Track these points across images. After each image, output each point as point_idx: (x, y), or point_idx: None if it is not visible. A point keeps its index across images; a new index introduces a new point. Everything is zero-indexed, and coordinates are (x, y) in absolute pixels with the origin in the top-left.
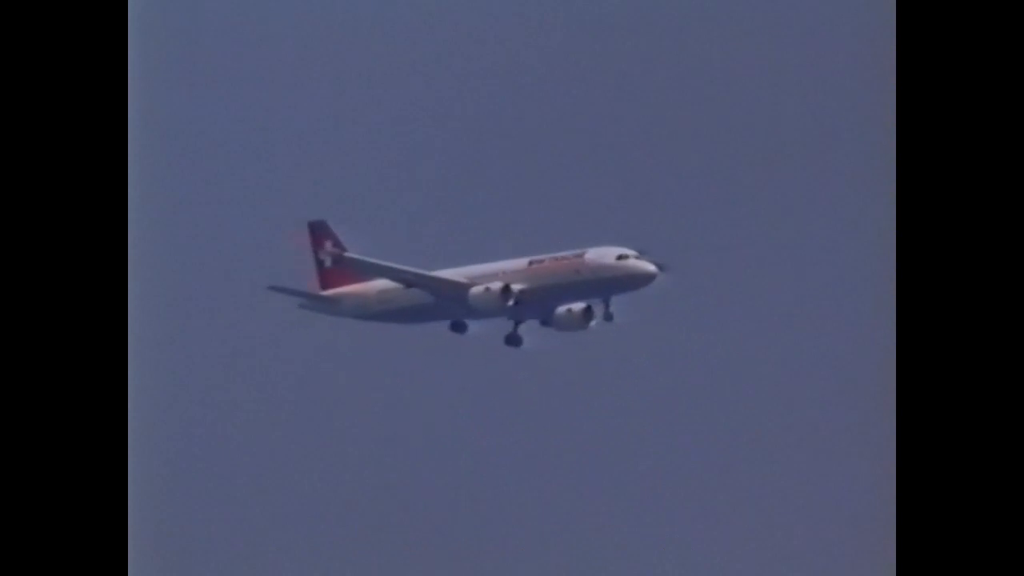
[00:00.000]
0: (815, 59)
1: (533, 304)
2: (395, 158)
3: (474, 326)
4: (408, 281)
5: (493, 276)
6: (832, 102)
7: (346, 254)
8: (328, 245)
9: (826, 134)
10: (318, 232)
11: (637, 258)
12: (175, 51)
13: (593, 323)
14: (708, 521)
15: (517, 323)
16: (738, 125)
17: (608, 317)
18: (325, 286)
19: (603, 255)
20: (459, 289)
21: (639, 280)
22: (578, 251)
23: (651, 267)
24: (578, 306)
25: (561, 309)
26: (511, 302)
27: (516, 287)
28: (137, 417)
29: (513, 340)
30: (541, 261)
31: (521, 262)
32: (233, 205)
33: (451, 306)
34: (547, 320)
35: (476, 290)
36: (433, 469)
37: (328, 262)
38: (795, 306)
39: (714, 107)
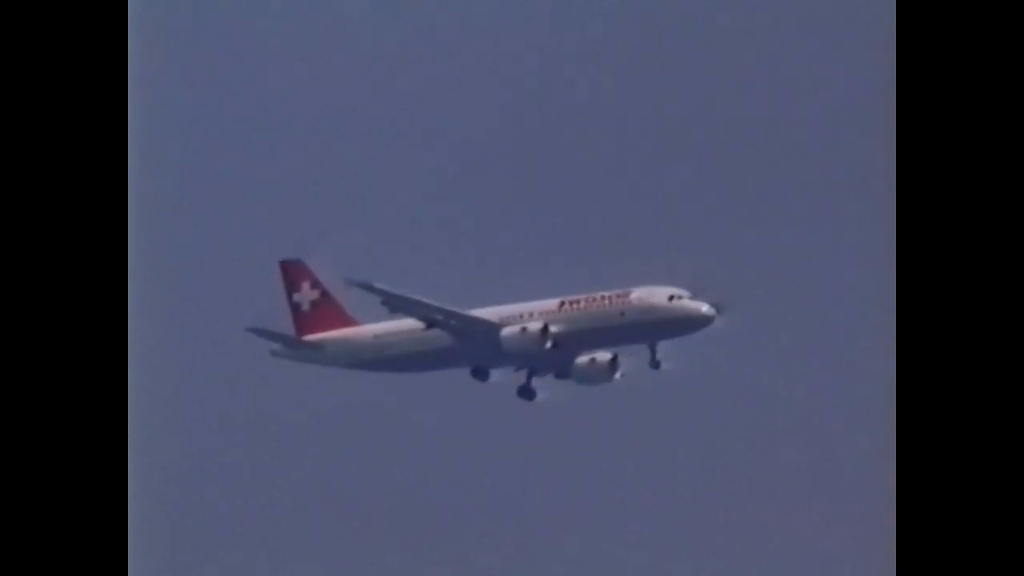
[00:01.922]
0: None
1: (569, 349)
2: (383, 181)
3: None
4: (432, 320)
5: (519, 318)
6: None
7: (376, 285)
8: (306, 286)
9: (834, 150)
10: (293, 272)
11: (691, 299)
12: (175, 51)
13: (619, 375)
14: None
15: (531, 374)
16: (765, 145)
17: (655, 365)
18: (301, 332)
19: (652, 295)
20: (489, 329)
21: (694, 323)
22: (620, 291)
23: (707, 309)
24: (603, 356)
25: (582, 359)
26: (549, 344)
27: (554, 328)
28: (136, 418)
29: (526, 392)
30: (576, 301)
31: (551, 303)
32: (209, 227)
33: (474, 350)
34: (564, 372)
35: (510, 331)
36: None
37: (306, 305)
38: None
39: (753, 125)
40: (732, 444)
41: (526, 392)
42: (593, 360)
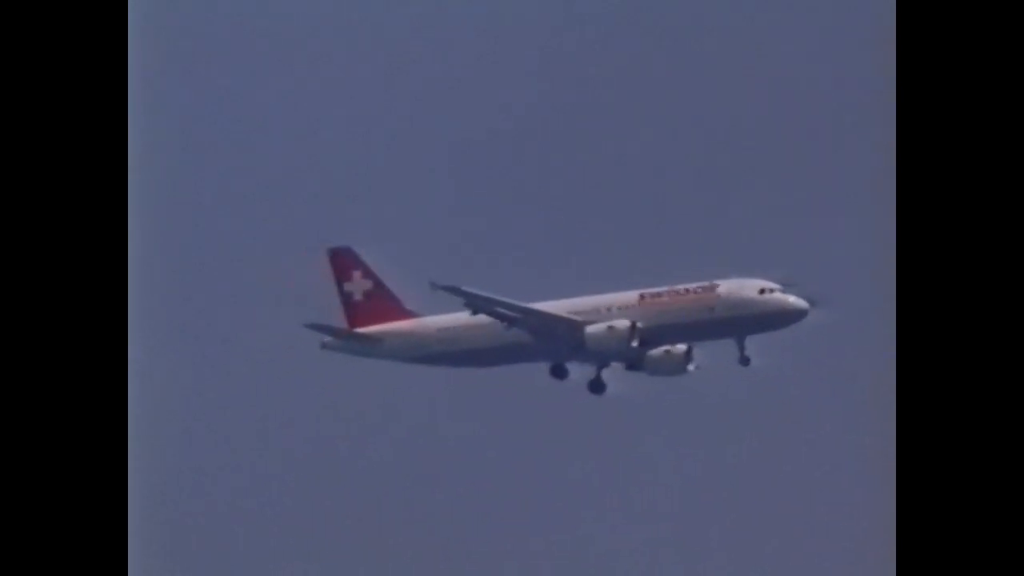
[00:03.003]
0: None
1: (653, 345)
2: (428, 164)
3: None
4: (510, 318)
5: (596, 313)
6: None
7: (464, 288)
8: (357, 276)
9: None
10: (343, 260)
11: (783, 291)
12: (175, 51)
13: (692, 367)
14: None
15: (600, 366)
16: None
17: (744, 361)
18: (353, 324)
19: (742, 288)
20: (572, 327)
21: (788, 317)
22: (706, 283)
23: (801, 302)
24: (678, 347)
25: (657, 350)
26: (635, 343)
27: (640, 325)
28: (136, 420)
29: (597, 387)
30: (658, 295)
31: (630, 296)
32: (240, 218)
33: (553, 346)
34: (636, 363)
35: (596, 329)
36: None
37: (358, 295)
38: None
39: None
40: (814, 441)
41: (596, 386)
42: (668, 351)
